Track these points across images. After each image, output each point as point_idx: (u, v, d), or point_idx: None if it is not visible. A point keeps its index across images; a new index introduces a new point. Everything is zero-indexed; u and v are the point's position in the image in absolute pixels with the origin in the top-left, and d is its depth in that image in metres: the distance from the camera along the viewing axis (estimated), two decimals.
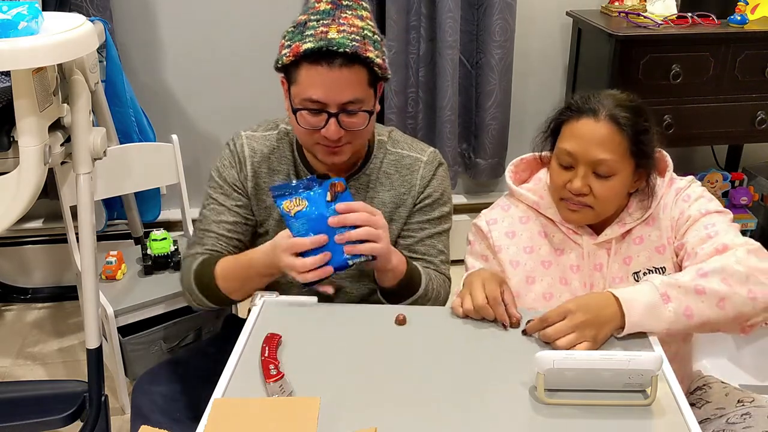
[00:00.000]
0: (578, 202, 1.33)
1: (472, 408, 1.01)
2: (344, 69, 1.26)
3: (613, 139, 1.29)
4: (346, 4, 1.30)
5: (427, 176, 1.47)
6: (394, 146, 1.49)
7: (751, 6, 2.41)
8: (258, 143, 1.48)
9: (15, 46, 1.32)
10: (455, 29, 2.48)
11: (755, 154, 2.98)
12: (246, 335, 1.16)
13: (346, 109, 1.30)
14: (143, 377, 1.53)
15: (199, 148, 2.63)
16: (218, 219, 1.47)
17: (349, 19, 1.29)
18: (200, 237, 1.48)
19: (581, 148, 1.30)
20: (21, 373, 2.30)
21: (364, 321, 1.22)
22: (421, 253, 1.48)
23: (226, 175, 1.47)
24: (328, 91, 1.27)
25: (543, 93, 2.81)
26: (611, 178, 1.30)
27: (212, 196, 1.49)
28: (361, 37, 1.27)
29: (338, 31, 1.26)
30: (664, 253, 1.37)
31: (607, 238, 1.38)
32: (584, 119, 1.31)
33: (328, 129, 1.30)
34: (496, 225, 1.45)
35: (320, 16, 1.28)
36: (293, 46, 1.28)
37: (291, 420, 0.96)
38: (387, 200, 1.46)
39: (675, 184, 1.40)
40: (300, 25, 1.30)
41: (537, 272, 1.41)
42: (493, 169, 2.77)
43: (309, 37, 1.26)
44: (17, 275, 2.72)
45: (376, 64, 1.29)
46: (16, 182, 1.49)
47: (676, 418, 0.99)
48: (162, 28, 2.53)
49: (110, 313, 1.94)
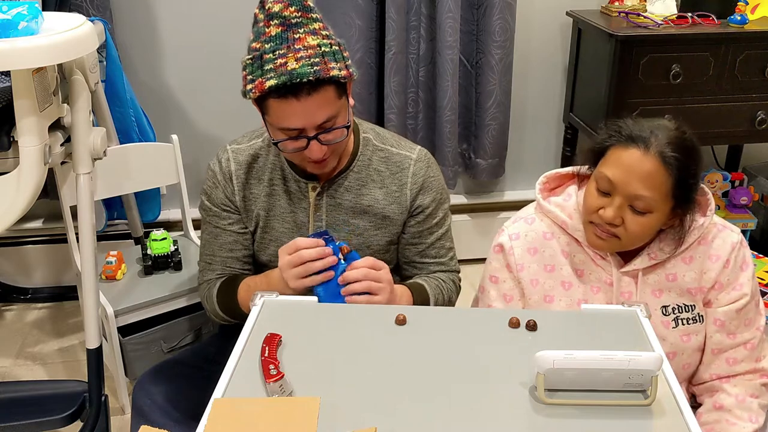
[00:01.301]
0: (607, 230, 1.30)
1: (472, 408, 1.01)
2: (312, 95, 1.27)
3: (657, 177, 1.24)
4: (295, 22, 1.28)
5: (419, 174, 1.49)
6: (383, 142, 1.51)
7: (751, 6, 2.41)
8: (242, 155, 1.51)
9: (15, 46, 1.32)
10: (455, 29, 2.48)
11: (755, 154, 2.98)
12: (246, 335, 1.16)
13: (324, 128, 1.32)
14: (143, 377, 1.53)
15: (199, 148, 2.63)
16: (218, 242, 1.54)
17: (303, 40, 1.27)
18: (208, 263, 1.56)
19: (623, 179, 1.25)
20: (21, 373, 2.30)
21: (364, 321, 1.22)
22: (432, 256, 1.55)
23: (213, 197, 1.52)
24: (301, 119, 1.29)
25: (543, 93, 2.81)
26: (646, 215, 1.26)
27: (206, 221, 1.55)
28: (320, 57, 1.27)
29: (296, 60, 1.25)
30: (695, 295, 1.37)
31: (635, 268, 1.36)
32: (632, 149, 1.25)
33: (311, 150, 1.33)
34: (519, 240, 1.42)
35: (274, 44, 1.27)
36: (256, 83, 1.28)
37: (291, 420, 0.96)
38: (380, 197, 1.48)
39: (727, 235, 1.37)
40: (257, 58, 1.29)
41: (556, 292, 1.40)
42: (493, 169, 2.77)
43: (269, 72, 1.26)
44: (17, 275, 2.72)
45: (341, 77, 1.30)
46: (16, 182, 1.49)
47: (676, 418, 0.99)
48: (162, 28, 2.53)
49: (110, 313, 1.94)
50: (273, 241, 1.52)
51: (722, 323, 1.37)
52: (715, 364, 1.39)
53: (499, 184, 2.93)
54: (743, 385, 1.37)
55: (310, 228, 1.50)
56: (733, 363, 1.38)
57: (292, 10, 1.28)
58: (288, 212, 1.50)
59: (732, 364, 1.38)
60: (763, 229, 2.78)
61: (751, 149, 2.96)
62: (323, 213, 1.49)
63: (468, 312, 1.43)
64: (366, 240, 1.50)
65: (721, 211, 2.75)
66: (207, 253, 1.56)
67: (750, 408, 1.34)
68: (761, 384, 1.38)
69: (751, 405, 1.34)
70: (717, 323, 1.37)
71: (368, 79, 2.57)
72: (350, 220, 1.49)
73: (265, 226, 1.52)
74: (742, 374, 1.38)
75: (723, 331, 1.37)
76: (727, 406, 1.34)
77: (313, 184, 1.48)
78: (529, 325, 1.19)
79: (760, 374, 1.38)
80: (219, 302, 1.53)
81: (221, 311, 1.54)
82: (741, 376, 1.38)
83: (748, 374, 1.38)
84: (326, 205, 1.48)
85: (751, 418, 1.33)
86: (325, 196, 1.48)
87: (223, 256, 1.54)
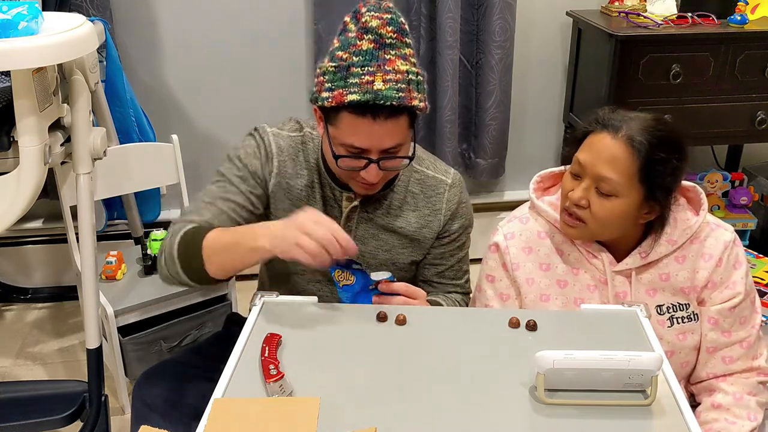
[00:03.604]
0: (575, 214, 1.32)
1: (472, 408, 1.01)
2: (389, 121, 1.24)
3: (623, 160, 1.26)
4: (389, 42, 1.24)
5: (453, 200, 1.47)
6: (420, 164, 1.48)
7: (751, 6, 2.41)
8: (285, 142, 1.44)
9: (15, 46, 1.32)
10: (455, 29, 2.48)
11: (755, 154, 2.98)
12: (246, 335, 1.16)
13: (388, 154, 1.29)
14: (143, 377, 1.53)
15: (199, 148, 2.63)
16: (226, 196, 1.40)
17: (393, 62, 1.24)
18: (199, 207, 1.39)
19: (590, 161, 1.29)
20: (21, 373, 2.30)
21: (365, 321, 1.22)
22: (450, 277, 1.54)
23: (247, 162, 1.42)
24: (371, 141, 1.26)
25: (543, 93, 2.81)
26: (612, 199, 1.28)
27: (225, 175, 1.42)
28: (406, 84, 1.24)
29: (384, 81, 1.22)
30: (689, 294, 1.38)
31: (627, 267, 1.37)
32: (604, 134, 1.29)
33: (368, 173, 1.30)
34: (514, 240, 1.43)
35: (363, 59, 1.23)
36: (336, 93, 1.24)
37: (291, 420, 0.96)
38: (412, 221, 1.47)
39: (720, 234, 1.38)
40: (342, 69, 1.24)
41: (552, 290, 1.41)
42: (493, 169, 2.77)
43: (353, 86, 1.22)
44: (17, 275, 2.72)
45: (419, 108, 1.28)
46: (16, 182, 1.49)
47: (676, 418, 0.99)
48: (162, 28, 2.53)
49: (110, 313, 1.94)
50: None
51: (716, 321, 1.37)
52: (711, 362, 1.39)
53: (499, 184, 2.93)
54: (740, 383, 1.37)
55: None
56: (730, 361, 1.38)
57: (390, 30, 1.24)
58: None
59: (728, 362, 1.38)
60: (763, 229, 2.78)
61: (751, 149, 2.96)
62: (353, 224, 1.46)
63: (468, 312, 1.44)
64: (393, 257, 1.48)
65: (720, 211, 2.75)
66: (205, 200, 1.40)
67: (748, 406, 1.34)
68: (758, 382, 1.38)
69: (749, 403, 1.35)
70: (711, 321, 1.38)
71: None
72: (380, 235, 1.47)
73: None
74: (738, 372, 1.38)
75: (717, 330, 1.38)
76: (725, 405, 1.34)
77: (348, 194, 1.43)
78: (529, 325, 1.19)
79: (757, 372, 1.39)
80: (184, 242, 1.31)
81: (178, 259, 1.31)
82: (738, 375, 1.38)
83: (744, 372, 1.38)
84: (358, 218, 1.45)
85: (750, 416, 1.33)
86: (358, 209, 1.45)
87: (221, 209, 1.38)
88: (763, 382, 1.39)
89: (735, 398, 1.34)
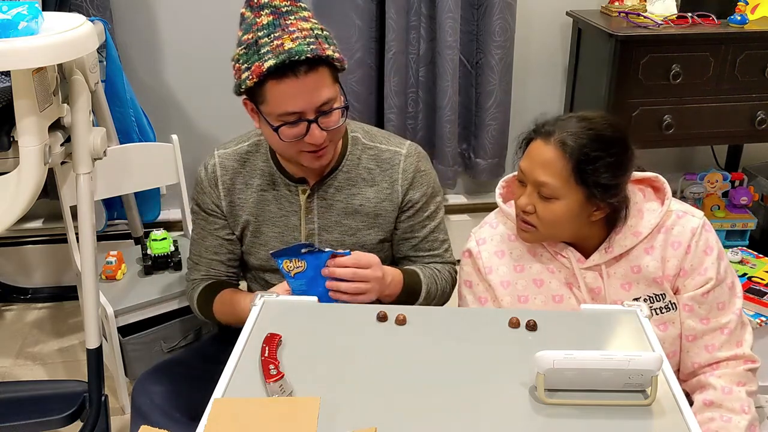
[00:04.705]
0: (524, 219, 1.35)
1: (472, 408, 1.01)
2: (310, 74, 1.27)
3: (556, 164, 1.29)
4: (286, 10, 1.30)
5: (408, 169, 1.49)
6: (372, 140, 1.51)
7: (751, 6, 2.41)
8: (229, 160, 1.52)
9: (15, 46, 1.32)
10: (455, 29, 2.48)
11: (755, 154, 2.98)
12: (246, 335, 1.16)
13: (323, 111, 1.31)
14: (143, 377, 1.53)
15: (199, 148, 2.62)
16: (204, 244, 1.57)
17: (295, 24, 1.29)
18: (195, 263, 1.59)
19: (528, 168, 1.33)
20: (21, 373, 2.30)
21: (364, 321, 1.22)
22: (426, 249, 1.55)
23: (200, 202, 1.55)
24: (302, 101, 1.29)
25: (543, 93, 2.81)
26: (553, 201, 1.31)
27: (195, 222, 1.59)
28: (315, 38, 1.28)
29: (292, 40, 1.26)
30: (662, 284, 1.38)
31: (595, 263, 1.38)
32: (538, 140, 1.33)
33: (312, 135, 1.32)
34: (486, 245, 1.46)
35: (267, 30, 1.28)
36: (253, 68, 1.28)
37: (291, 420, 0.96)
38: (371, 196, 1.48)
39: (687, 221, 1.38)
40: (251, 45, 1.29)
41: (529, 291, 1.42)
42: (493, 169, 2.77)
43: (266, 54, 1.26)
44: (17, 275, 2.72)
45: (336, 59, 1.31)
46: (16, 182, 1.49)
47: (676, 418, 0.99)
48: (162, 28, 2.53)
49: (110, 313, 1.94)
50: (263, 246, 1.52)
51: (691, 308, 1.37)
52: (694, 351, 1.39)
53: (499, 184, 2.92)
54: (728, 375, 1.35)
55: (302, 230, 1.49)
56: (713, 349, 1.37)
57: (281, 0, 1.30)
58: (278, 216, 1.50)
59: (711, 350, 1.37)
60: (763, 229, 2.78)
61: (751, 149, 2.96)
62: (314, 215, 1.48)
63: (468, 312, 1.44)
64: (359, 239, 1.50)
65: (721, 211, 2.75)
66: (194, 252, 1.60)
67: (739, 398, 1.33)
68: (745, 370, 1.36)
69: (740, 394, 1.33)
70: (686, 309, 1.38)
71: (368, 79, 2.57)
72: (342, 220, 1.49)
73: (255, 231, 1.52)
74: (724, 360, 1.37)
75: (694, 317, 1.38)
76: (717, 401, 1.33)
77: (303, 186, 1.47)
78: (529, 325, 1.19)
79: (744, 360, 1.37)
80: (199, 307, 1.59)
81: (201, 315, 1.60)
82: (724, 363, 1.37)
83: (730, 361, 1.37)
84: (317, 207, 1.48)
85: (743, 408, 1.32)
86: (315, 198, 1.48)
87: (208, 258, 1.57)
88: (751, 370, 1.37)
89: (724, 393, 1.33)
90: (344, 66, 1.36)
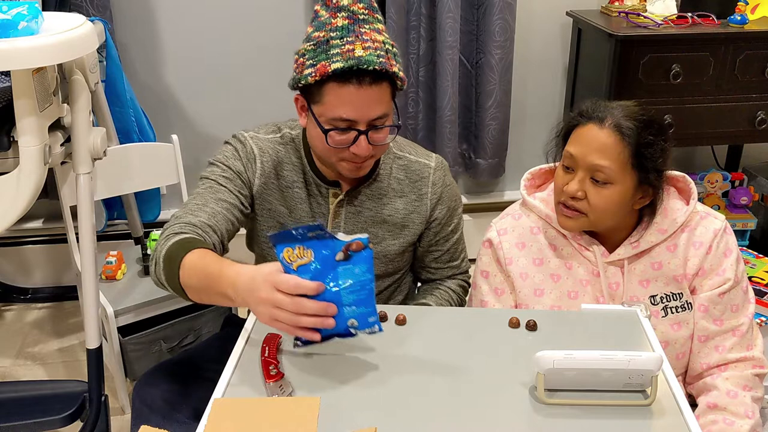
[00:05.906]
0: (572, 206, 1.33)
1: (472, 408, 1.01)
2: (373, 86, 1.26)
3: (614, 147, 1.29)
4: (362, 18, 1.28)
5: (438, 183, 1.49)
6: (401, 149, 1.50)
7: (751, 6, 2.41)
8: (264, 144, 1.45)
9: (15, 46, 1.32)
10: (455, 29, 2.48)
11: (755, 154, 2.98)
12: (246, 335, 1.16)
13: (375, 125, 1.30)
14: (143, 377, 1.53)
15: (199, 148, 2.63)
16: (216, 197, 1.38)
17: (369, 33, 1.27)
18: (192, 209, 1.35)
19: (582, 152, 1.31)
20: (21, 373, 2.30)
21: None
22: (446, 260, 1.57)
23: (230, 164, 1.42)
24: (358, 110, 1.27)
25: (543, 93, 2.81)
26: (608, 186, 1.30)
27: (210, 178, 1.40)
28: (385, 52, 1.27)
29: (364, 48, 1.25)
30: (681, 282, 1.39)
31: (620, 258, 1.38)
32: (590, 125, 1.32)
33: (359, 146, 1.30)
34: (507, 236, 1.45)
35: (341, 32, 1.26)
36: (318, 66, 1.25)
37: (291, 420, 0.96)
38: (399, 207, 1.47)
39: (710, 222, 1.39)
40: (321, 43, 1.27)
41: (546, 285, 1.41)
42: (493, 169, 2.77)
43: (335, 56, 1.24)
44: (17, 275, 2.72)
45: (399, 77, 1.30)
46: (16, 182, 1.49)
47: (676, 418, 1.00)
48: (162, 28, 2.53)
49: (110, 313, 1.94)
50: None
51: (706, 308, 1.38)
52: (704, 352, 1.39)
53: (499, 184, 2.93)
54: (735, 378, 1.36)
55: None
56: (723, 350, 1.38)
57: (361, 6, 1.28)
58: (308, 216, 1.46)
59: (722, 351, 1.38)
60: (763, 229, 2.78)
61: (751, 149, 2.96)
62: (341, 220, 1.46)
63: (468, 312, 1.44)
64: (383, 249, 1.49)
65: (721, 211, 2.75)
66: (197, 203, 1.36)
67: (744, 402, 1.33)
68: (753, 374, 1.37)
69: (745, 399, 1.34)
70: (701, 309, 1.38)
71: None
72: (369, 228, 1.47)
73: (284, 226, 1.45)
74: (733, 362, 1.37)
75: (708, 317, 1.38)
76: (721, 405, 1.33)
77: (334, 190, 1.44)
78: (529, 325, 1.19)
79: (753, 364, 1.38)
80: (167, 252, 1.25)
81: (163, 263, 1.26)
82: (733, 365, 1.37)
83: (739, 363, 1.37)
84: (346, 213, 1.46)
85: (747, 413, 1.32)
86: (345, 204, 1.45)
87: (215, 210, 1.35)
88: (759, 375, 1.38)
89: (730, 396, 1.34)
90: (404, 86, 1.34)
